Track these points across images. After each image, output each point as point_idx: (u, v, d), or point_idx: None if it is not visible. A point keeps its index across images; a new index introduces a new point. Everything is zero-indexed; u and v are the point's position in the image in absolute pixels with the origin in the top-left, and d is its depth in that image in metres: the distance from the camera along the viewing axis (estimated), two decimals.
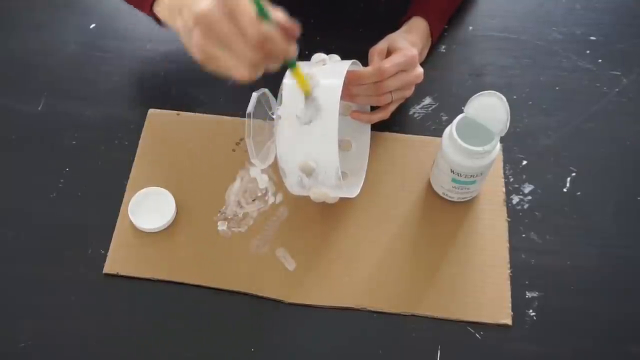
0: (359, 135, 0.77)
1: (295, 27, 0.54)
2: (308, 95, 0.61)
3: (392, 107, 0.74)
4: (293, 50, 0.55)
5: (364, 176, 0.74)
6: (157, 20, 0.71)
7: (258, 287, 0.69)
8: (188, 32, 0.57)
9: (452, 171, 0.68)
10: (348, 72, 0.64)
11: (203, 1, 0.53)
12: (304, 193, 0.67)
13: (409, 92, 0.74)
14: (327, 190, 0.65)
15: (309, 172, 0.63)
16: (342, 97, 0.64)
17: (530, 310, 0.68)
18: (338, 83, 0.61)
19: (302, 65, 0.65)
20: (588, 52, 0.86)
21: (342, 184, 0.64)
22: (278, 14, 0.54)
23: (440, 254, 0.71)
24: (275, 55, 0.54)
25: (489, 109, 0.65)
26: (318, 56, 0.67)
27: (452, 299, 0.68)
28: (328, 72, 0.63)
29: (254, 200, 0.73)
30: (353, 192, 0.70)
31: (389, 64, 0.69)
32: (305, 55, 0.84)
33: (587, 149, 0.78)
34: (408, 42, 0.74)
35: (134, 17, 0.88)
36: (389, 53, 0.73)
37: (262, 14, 0.51)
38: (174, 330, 0.67)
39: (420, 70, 0.73)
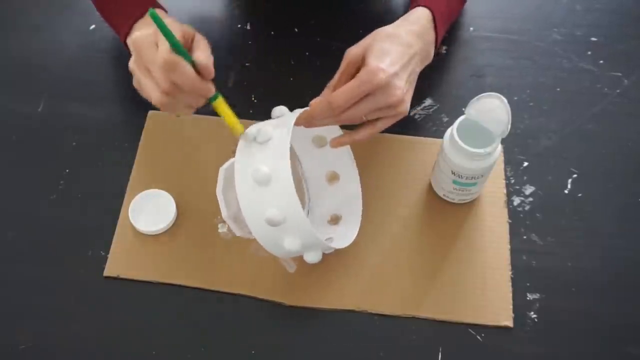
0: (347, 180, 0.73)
1: (210, 70, 0.58)
2: (238, 134, 0.60)
3: (380, 126, 0.66)
4: (206, 88, 0.59)
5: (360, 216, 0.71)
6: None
7: (259, 289, 0.69)
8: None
9: (453, 173, 0.68)
10: (299, 116, 0.62)
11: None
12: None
13: (390, 120, 0.65)
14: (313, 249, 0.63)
15: (276, 224, 0.59)
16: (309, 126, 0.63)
17: (532, 312, 0.68)
18: (285, 142, 0.58)
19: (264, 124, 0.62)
20: (589, 53, 0.86)
21: (320, 239, 0.61)
22: (199, 55, 0.58)
23: (441, 255, 0.71)
24: (186, 87, 0.58)
25: (490, 110, 0.64)
26: (278, 110, 0.64)
27: (453, 301, 0.68)
28: (279, 126, 0.60)
29: None
30: (346, 241, 0.67)
31: (342, 95, 0.61)
32: (306, 56, 0.85)
33: (588, 150, 0.78)
34: (395, 40, 0.65)
35: None
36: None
37: (174, 46, 0.56)
38: (174, 333, 0.67)
39: (395, 97, 0.62)
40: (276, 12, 0.90)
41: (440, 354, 0.66)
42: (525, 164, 0.77)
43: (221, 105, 0.60)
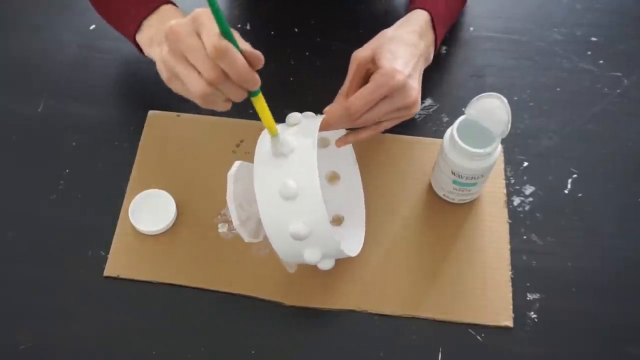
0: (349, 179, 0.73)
1: (260, 57, 0.53)
2: (274, 135, 0.57)
3: (386, 125, 0.67)
4: (255, 79, 0.54)
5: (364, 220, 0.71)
6: (139, 48, 0.72)
7: (259, 289, 0.69)
8: (160, 58, 0.58)
9: (453, 173, 0.68)
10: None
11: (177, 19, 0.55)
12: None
13: (398, 120, 0.67)
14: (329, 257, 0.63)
15: (301, 238, 0.58)
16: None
17: (532, 312, 0.68)
18: (311, 159, 0.56)
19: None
20: (589, 53, 0.86)
21: (340, 247, 0.60)
22: (244, 43, 0.53)
23: (441, 256, 0.71)
24: (235, 76, 0.53)
25: (490, 110, 0.64)
26: (293, 117, 0.61)
27: (453, 301, 0.68)
28: (300, 136, 0.58)
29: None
30: (355, 248, 0.67)
31: (359, 101, 0.61)
32: (306, 56, 0.85)
33: (588, 150, 0.78)
34: (401, 41, 0.66)
35: None
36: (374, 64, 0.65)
37: (225, 32, 0.51)
38: (174, 333, 0.67)
39: (411, 97, 0.63)
40: (276, 12, 0.90)
41: (440, 354, 0.66)
42: (525, 164, 0.77)
43: (261, 100, 0.56)
